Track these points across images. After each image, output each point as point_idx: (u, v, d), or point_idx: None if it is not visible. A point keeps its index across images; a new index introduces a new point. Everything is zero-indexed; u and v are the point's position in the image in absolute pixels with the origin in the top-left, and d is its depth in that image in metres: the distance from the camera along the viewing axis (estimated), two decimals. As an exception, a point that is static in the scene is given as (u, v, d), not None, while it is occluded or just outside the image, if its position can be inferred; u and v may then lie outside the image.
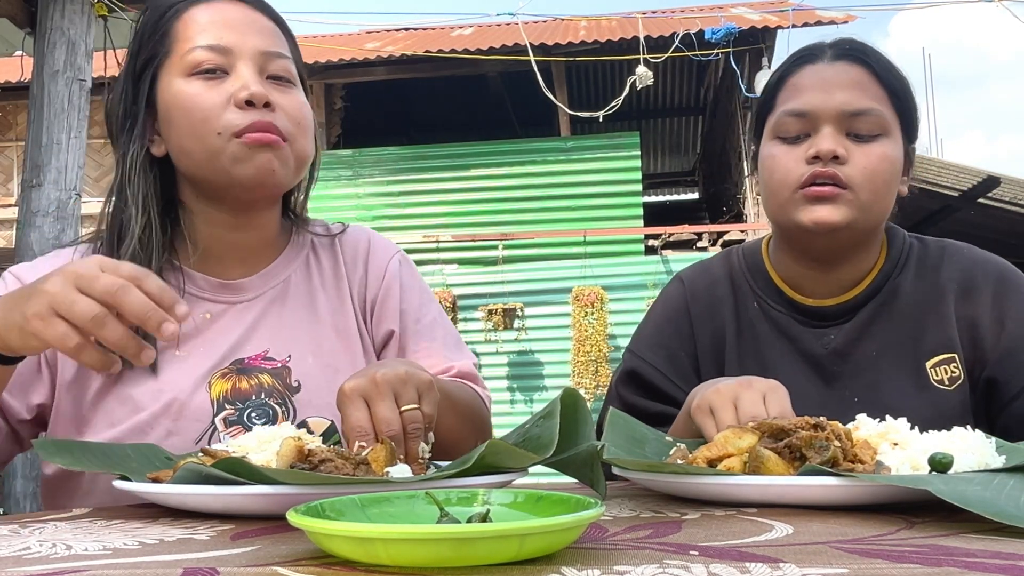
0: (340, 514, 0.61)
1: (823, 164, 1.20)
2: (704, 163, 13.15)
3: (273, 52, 1.15)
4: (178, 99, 1.13)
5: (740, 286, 1.36)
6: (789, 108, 1.24)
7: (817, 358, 1.28)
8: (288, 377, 1.19)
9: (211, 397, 1.15)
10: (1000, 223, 8.97)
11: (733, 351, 1.33)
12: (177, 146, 1.15)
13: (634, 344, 1.41)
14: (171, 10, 1.16)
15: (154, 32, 1.16)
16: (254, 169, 1.12)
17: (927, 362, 1.25)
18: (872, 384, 1.25)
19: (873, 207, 1.22)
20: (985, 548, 0.58)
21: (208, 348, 1.18)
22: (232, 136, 1.10)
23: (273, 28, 1.18)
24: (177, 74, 1.13)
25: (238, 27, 1.15)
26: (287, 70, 1.17)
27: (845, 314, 1.29)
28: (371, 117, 10.32)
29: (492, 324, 8.16)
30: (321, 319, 1.25)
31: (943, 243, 1.34)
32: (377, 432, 0.89)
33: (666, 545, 0.60)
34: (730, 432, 0.88)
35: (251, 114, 1.11)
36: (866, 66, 1.23)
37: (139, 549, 0.64)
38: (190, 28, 1.14)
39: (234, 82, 1.12)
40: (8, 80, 8.49)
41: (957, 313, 1.26)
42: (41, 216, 3.87)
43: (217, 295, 1.21)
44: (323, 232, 1.32)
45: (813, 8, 8.89)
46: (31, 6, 4.11)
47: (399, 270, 1.32)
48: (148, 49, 1.16)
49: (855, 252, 1.28)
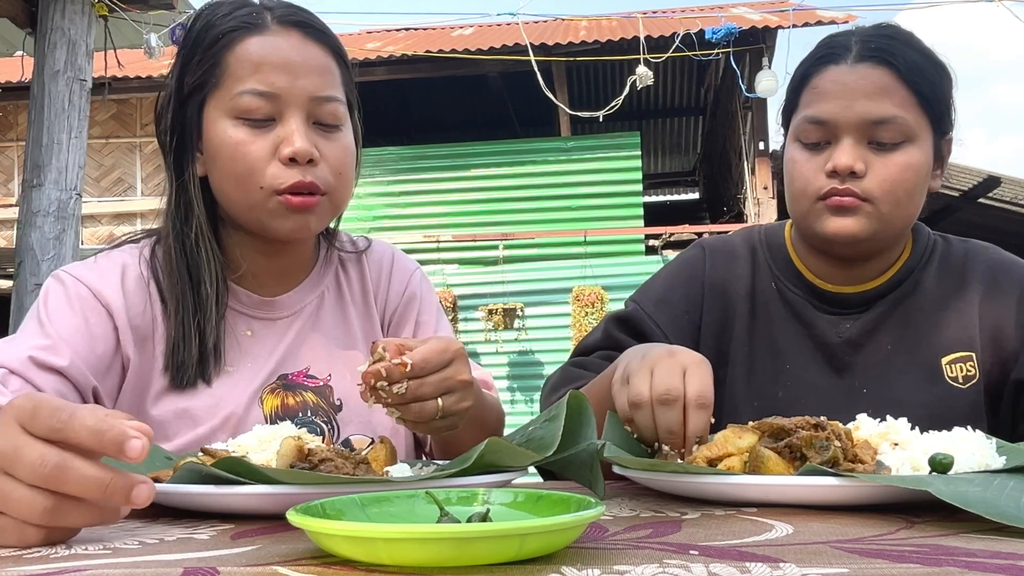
0: (340, 514, 0.61)
1: (840, 180, 1.18)
2: (704, 163, 13.14)
3: (323, 97, 1.14)
4: (224, 143, 1.12)
5: (760, 265, 1.35)
6: (809, 115, 1.21)
7: (830, 346, 1.27)
8: (331, 396, 1.22)
9: (264, 413, 1.17)
10: (1000, 223, 8.96)
11: (744, 331, 1.31)
12: (218, 185, 1.16)
13: (639, 296, 1.38)
14: (224, 37, 1.14)
15: (205, 56, 1.14)
16: (290, 227, 1.14)
17: (943, 358, 1.24)
18: (884, 377, 1.25)
19: (895, 217, 1.20)
20: (985, 548, 0.58)
21: (254, 364, 1.20)
22: (273, 192, 1.11)
23: (327, 64, 1.16)
24: (224, 113, 1.12)
25: (291, 67, 1.12)
26: (336, 114, 1.15)
27: (863, 304, 1.28)
28: (371, 117, 10.20)
29: (492, 324, 8.15)
30: (354, 335, 1.28)
31: (967, 242, 1.33)
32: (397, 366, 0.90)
33: (666, 545, 0.60)
34: (730, 431, 0.88)
35: (294, 172, 1.11)
36: (891, 67, 1.18)
37: (139, 549, 0.64)
38: (242, 65, 1.12)
39: (281, 131, 1.11)
40: (9, 80, 8.48)
41: (980, 313, 1.25)
42: (42, 216, 3.88)
43: (257, 311, 1.23)
44: (350, 248, 1.35)
45: (814, 8, 8.88)
46: (31, 6, 4.11)
47: (420, 285, 1.36)
48: (197, 73, 1.14)
49: (879, 252, 1.27)
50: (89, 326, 1.13)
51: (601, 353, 1.32)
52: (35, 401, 0.64)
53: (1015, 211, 9.05)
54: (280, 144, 1.11)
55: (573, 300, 8.14)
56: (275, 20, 1.15)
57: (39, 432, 0.63)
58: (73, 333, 1.11)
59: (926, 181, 1.23)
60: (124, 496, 0.63)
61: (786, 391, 1.28)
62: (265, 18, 1.15)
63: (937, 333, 1.25)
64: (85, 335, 1.12)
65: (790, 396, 1.27)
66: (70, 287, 1.15)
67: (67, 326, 1.12)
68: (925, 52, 1.22)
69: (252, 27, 1.13)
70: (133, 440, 0.62)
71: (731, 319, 1.32)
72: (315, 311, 1.27)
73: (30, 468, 0.62)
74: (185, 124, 1.16)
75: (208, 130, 1.14)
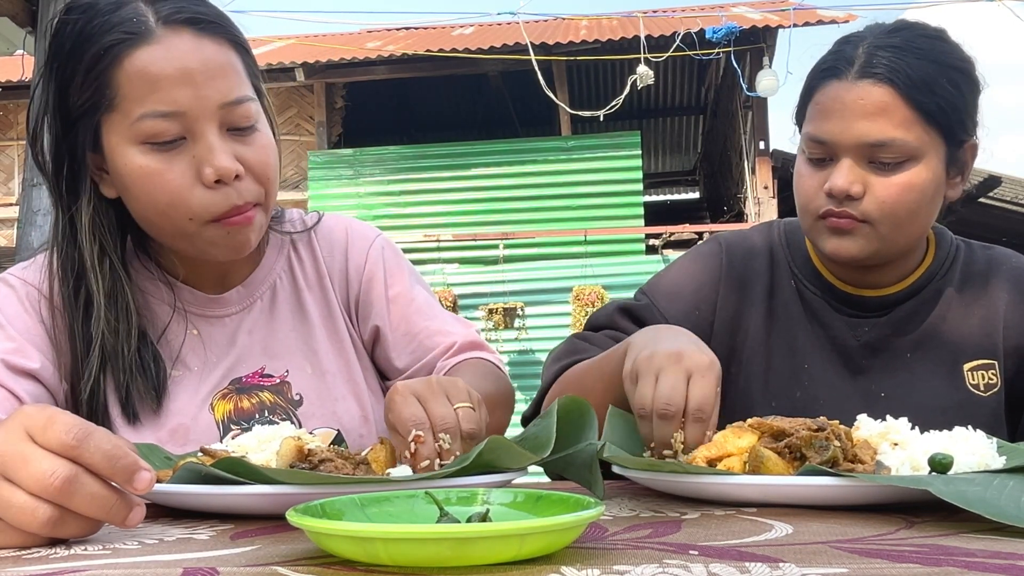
0: (340, 514, 0.61)
1: (837, 203, 1.16)
2: (705, 162, 13.13)
3: (233, 101, 1.03)
4: (136, 174, 1.02)
5: (779, 262, 1.32)
6: (810, 133, 1.19)
7: (848, 349, 1.26)
8: (289, 392, 1.17)
9: (215, 419, 1.13)
10: (1000, 223, 8.96)
11: (761, 329, 1.29)
12: (140, 214, 1.07)
13: (650, 288, 1.35)
14: (107, 54, 1.00)
15: (88, 77, 1.01)
16: (230, 248, 1.08)
17: (965, 365, 1.23)
18: (903, 382, 1.24)
19: (897, 236, 1.18)
20: (985, 548, 0.58)
21: (202, 368, 1.15)
22: (206, 222, 1.03)
23: (228, 61, 1.04)
24: (127, 140, 1.01)
25: (191, 78, 1.00)
26: (249, 115, 1.05)
27: (881, 308, 1.26)
28: (372, 116, 10.30)
29: (493, 323, 8.15)
30: (312, 322, 1.21)
31: (990, 248, 1.32)
32: (433, 427, 0.84)
33: (666, 545, 0.60)
34: (730, 431, 0.88)
35: (225, 197, 1.02)
36: (892, 85, 1.13)
37: (139, 549, 0.64)
38: (137, 85, 0.99)
39: (196, 150, 1.01)
40: (9, 79, 8.48)
41: (1005, 321, 1.24)
42: (42, 215, 3.88)
43: (204, 309, 1.17)
44: (300, 227, 1.26)
45: (814, 8, 8.88)
46: (32, 5, 4.11)
47: (381, 255, 1.25)
48: (84, 95, 1.02)
49: (890, 262, 1.25)
50: (45, 328, 1.10)
51: (607, 332, 1.30)
52: (49, 413, 0.65)
53: (1015, 211, 9.05)
54: (200, 166, 1.01)
55: (573, 299, 8.13)
56: (160, 21, 1.01)
57: (50, 445, 0.63)
58: (34, 335, 1.08)
59: (934, 196, 1.19)
60: (122, 518, 0.64)
61: (804, 391, 1.27)
62: (148, 21, 1.00)
63: (959, 340, 1.24)
64: (44, 337, 1.09)
65: (808, 396, 1.26)
66: (19, 289, 1.11)
67: (26, 328, 1.08)
68: (939, 59, 1.16)
69: (136, 37, 1.00)
70: (143, 472, 0.64)
71: (746, 316, 1.30)
72: (268, 304, 1.19)
73: (39, 478, 0.62)
74: (76, 148, 1.05)
75: (113, 158, 1.03)
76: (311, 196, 8.69)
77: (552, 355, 1.31)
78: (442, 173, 8.97)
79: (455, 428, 0.84)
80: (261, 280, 1.21)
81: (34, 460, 0.62)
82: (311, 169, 8.86)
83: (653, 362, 0.93)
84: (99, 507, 0.63)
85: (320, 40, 9.58)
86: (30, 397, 1.03)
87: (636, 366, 0.95)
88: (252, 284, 1.20)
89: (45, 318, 1.10)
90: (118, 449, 0.64)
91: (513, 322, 8.21)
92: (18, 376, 1.04)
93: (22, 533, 0.64)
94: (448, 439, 0.83)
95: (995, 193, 8.59)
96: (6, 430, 0.65)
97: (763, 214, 8.67)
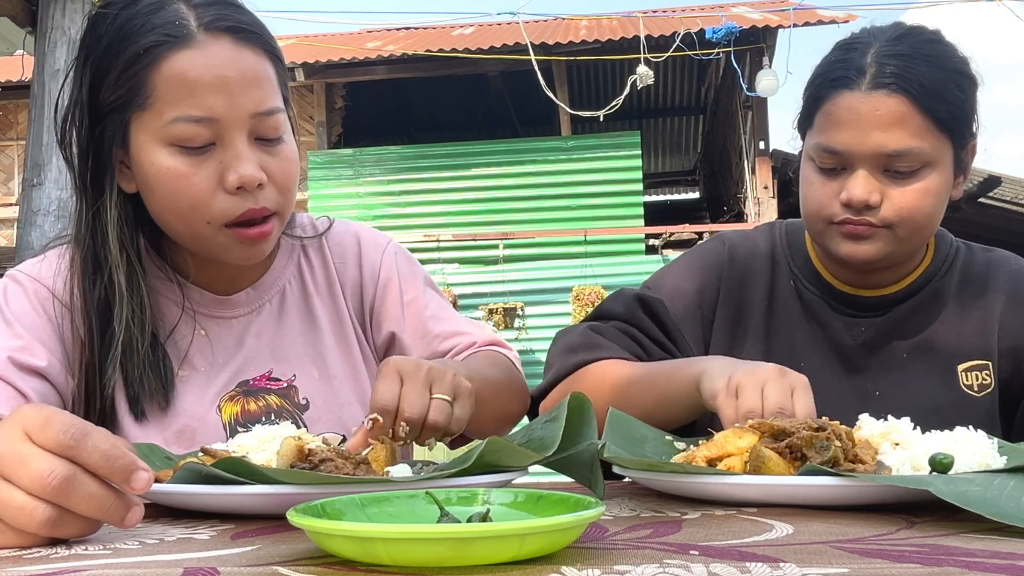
0: (340, 514, 0.61)
1: (856, 212, 1.16)
2: (705, 162, 13.14)
3: (264, 111, 1.04)
4: (161, 174, 1.03)
5: (779, 263, 1.33)
6: (823, 143, 1.18)
7: (845, 348, 1.27)
8: (296, 396, 1.18)
9: (223, 421, 1.13)
10: (1000, 223, 8.96)
11: (760, 328, 1.30)
12: (158, 213, 1.08)
13: (652, 285, 1.36)
14: (147, 54, 1.00)
15: (124, 75, 1.02)
16: (243, 256, 1.09)
17: (959, 365, 1.24)
18: (898, 382, 1.25)
19: (913, 238, 1.20)
20: (985, 548, 0.58)
21: (209, 368, 1.15)
22: (222, 226, 1.05)
23: (264, 71, 1.06)
24: (157, 139, 1.02)
25: (227, 86, 1.01)
26: (278, 127, 1.06)
27: (879, 308, 1.27)
28: (372, 116, 10.31)
29: (493, 323, 8.15)
30: (320, 327, 1.21)
31: (990, 251, 1.32)
32: (399, 411, 0.88)
33: (666, 545, 0.60)
34: (730, 431, 0.88)
35: (243, 201, 1.03)
36: (907, 94, 1.13)
37: (139, 549, 0.64)
38: (173, 88, 1.00)
39: (223, 156, 1.02)
40: (9, 79, 8.48)
41: (1001, 323, 1.25)
42: (42, 215, 3.87)
43: (213, 310, 1.17)
44: (311, 232, 1.27)
45: (814, 7, 8.88)
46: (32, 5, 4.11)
47: (395, 262, 1.26)
48: (117, 92, 1.03)
49: (896, 263, 1.25)
50: (54, 325, 1.09)
51: (618, 324, 1.30)
52: (46, 413, 0.65)
53: (1015, 211, 9.05)
54: (225, 172, 1.02)
55: (573, 299, 8.13)
56: (202, 27, 1.02)
57: (48, 445, 0.63)
58: (41, 332, 1.08)
59: (946, 198, 1.21)
60: (120, 517, 0.64)
61: None
62: (190, 25, 1.02)
63: (954, 341, 1.25)
64: (52, 334, 1.09)
65: None
66: (28, 286, 1.11)
67: (34, 325, 1.08)
68: (946, 64, 1.17)
69: (177, 40, 1.01)
70: (141, 472, 0.63)
71: (747, 315, 1.31)
72: (276, 308, 1.20)
73: (37, 478, 0.62)
74: (103, 142, 1.06)
75: (139, 156, 1.04)
76: (311, 196, 8.69)
77: (563, 342, 1.30)
78: (442, 173, 8.97)
79: (418, 419, 0.89)
80: (271, 283, 1.21)
81: (32, 460, 0.62)
82: (311, 169, 8.86)
83: (757, 376, 0.97)
84: (97, 507, 0.63)
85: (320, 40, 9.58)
86: (37, 395, 1.03)
87: (738, 380, 0.98)
88: (262, 287, 1.20)
89: (54, 316, 1.10)
90: (116, 449, 0.64)
91: (513, 322, 8.21)
92: (25, 374, 1.04)
93: (21, 533, 0.64)
94: (406, 428, 0.88)
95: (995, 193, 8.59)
96: (4, 430, 0.65)
97: (763, 214, 8.67)
